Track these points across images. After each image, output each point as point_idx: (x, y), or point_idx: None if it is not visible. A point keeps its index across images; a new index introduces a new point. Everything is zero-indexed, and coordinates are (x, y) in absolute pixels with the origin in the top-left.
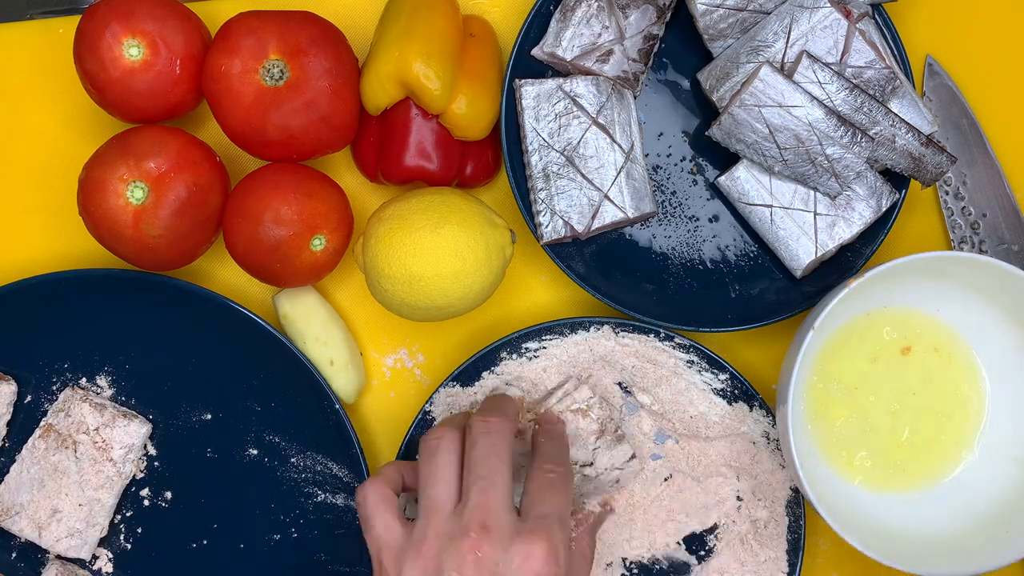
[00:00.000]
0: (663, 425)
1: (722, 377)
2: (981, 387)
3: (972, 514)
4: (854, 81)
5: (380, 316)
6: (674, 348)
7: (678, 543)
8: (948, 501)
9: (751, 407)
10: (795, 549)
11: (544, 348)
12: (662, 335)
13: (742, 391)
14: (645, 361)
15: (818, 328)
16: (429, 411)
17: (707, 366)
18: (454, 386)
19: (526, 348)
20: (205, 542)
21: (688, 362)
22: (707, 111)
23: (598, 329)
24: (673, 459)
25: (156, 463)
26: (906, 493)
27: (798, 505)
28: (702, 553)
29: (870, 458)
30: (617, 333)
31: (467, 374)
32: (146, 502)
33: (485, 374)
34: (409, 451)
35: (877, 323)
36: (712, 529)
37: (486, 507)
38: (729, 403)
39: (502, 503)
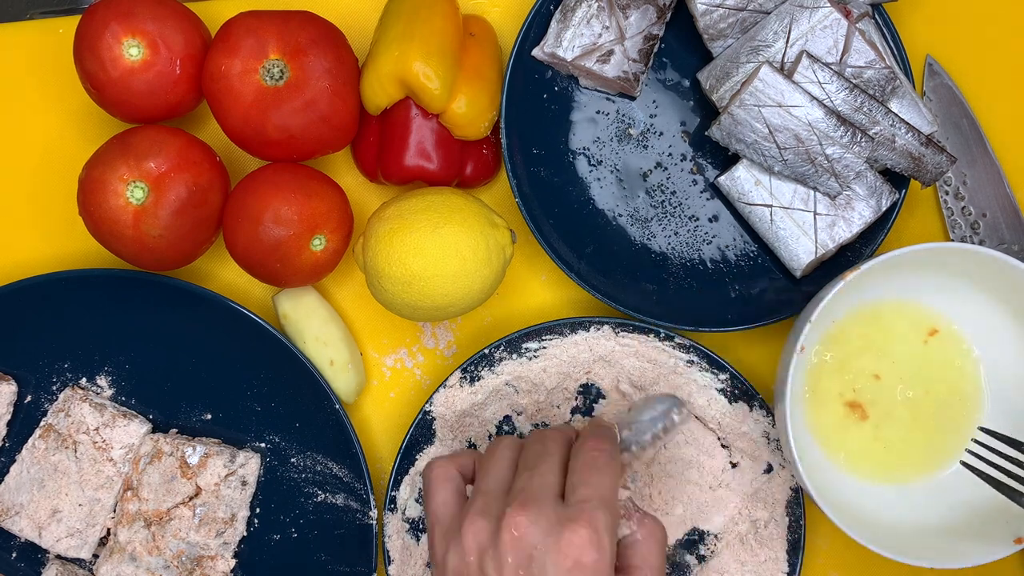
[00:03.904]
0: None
1: (722, 377)
2: (979, 379)
3: (972, 505)
4: (854, 81)
5: (380, 316)
6: (674, 348)
7: (678, 542)
8: (948, 492)
9: (751, 407)
10: (795, 549)
11: (544, 348)
12: (662, 335)
13: (742, 391)
14: (645, 361)
15: (815, 322)
16: (429, 411)
17: (707, 366)
18: (454, 386)
19: (526, 348)
20: None
21: (688, 362)
22: (707, 111)
23: (598, 329)
24: (675, 459)
25: None
26: (906, 485)
27: (798, 505)
28: (702, 553)
29: (869, 452)
30: (617, 333)
31: (467, 374)
32: None
33: (485, 374)
34: (409, 451)
35: (874, 316)
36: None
37: (529, 490)
38: (729, 403)
39: (546, 489)
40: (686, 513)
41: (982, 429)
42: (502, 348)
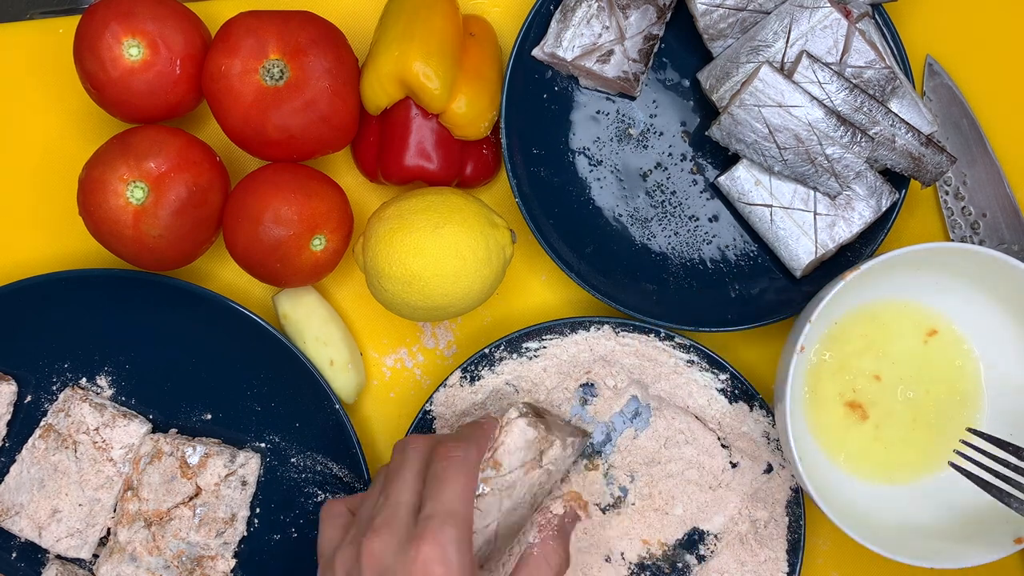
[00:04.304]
0: (669, 428)
1: (722, 377)
2: (979, 379)
3: (972, 505)
4: (854, 81)
5: (380, 316)
6: (674, 348)
7: (678, 542)
8: (948, 492)
9: (751, 407)
10: (795, 549)
11: (544, 348)
12: (662, 335)
13: (742, 391)
14: (645, 360)
15: (815, 321)
16: (429, 411)
17: (707, 366)
18: (454, 386)
19: (526, 348)
20: None
21: (688, 362)
22: (707, 111)
23: (598, 329)
24: (675, 458)
25: None
26: (906, 486)
27: (798, 505)
28: (702, 553)
29: (869, 452)
30: (617, 333)
31: (467, 374)
32: None
33: (485, 373)
34: None
35: (874, 316)
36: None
37: (383, 513)
38: (729, 403)
39: (400, 507)
40: (686, 513)
41: (971, 430)
42: (502, 348)
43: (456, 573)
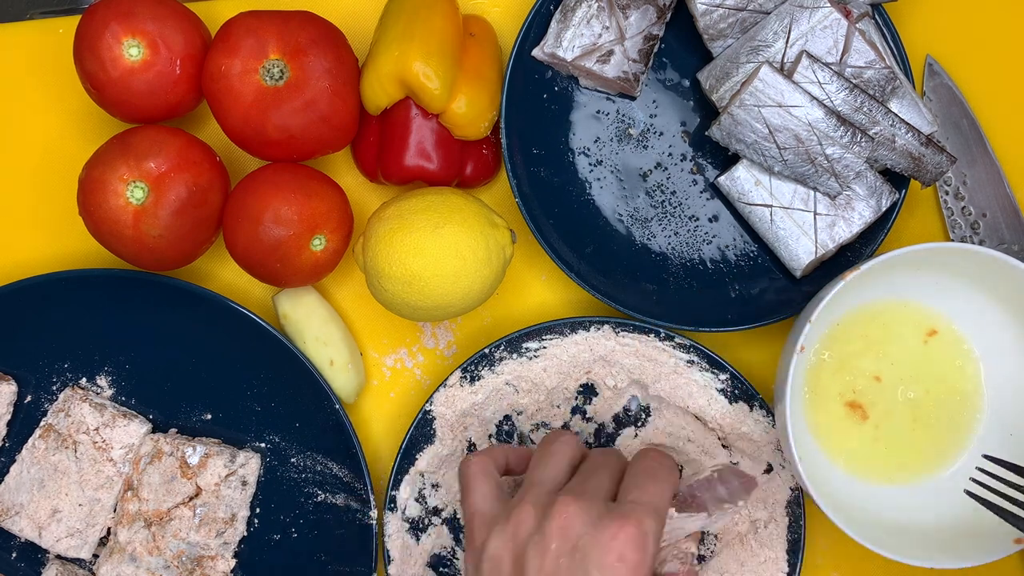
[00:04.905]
0: (672, 426)
1: (722, 377)
2: (979, 379)
3: (972, 505)
4: (854, 81)
5: (380, 316)
6: (674, 348)
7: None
8: (949, 492)
9: (751, 407)
10: (795, 549)
11: (544, 348)
12: (662, 335)
13: (742, 391)
14: (645, 360)
15: (815, 322)
16: (429, 411)
17: (707, 366)
18: (454, 386)
19: (526, 348)
20: None
21: (688, 362)
22: (707, 111)
23: (598, 329)
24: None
25: None
26: (906, 486)
27: (798, 505)
28: (702, 553)
29: (870, 452)
30: (617, 333)
31: (467, 374)
32: None
33: (485, 373)
34: (409, 451)
35: (874, 316)
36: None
37: (582, 487)
38: (729, 403)
39: (600, 489)
40: None
41: (986, 457)
42: (502, 348)
43: (648, 565)
